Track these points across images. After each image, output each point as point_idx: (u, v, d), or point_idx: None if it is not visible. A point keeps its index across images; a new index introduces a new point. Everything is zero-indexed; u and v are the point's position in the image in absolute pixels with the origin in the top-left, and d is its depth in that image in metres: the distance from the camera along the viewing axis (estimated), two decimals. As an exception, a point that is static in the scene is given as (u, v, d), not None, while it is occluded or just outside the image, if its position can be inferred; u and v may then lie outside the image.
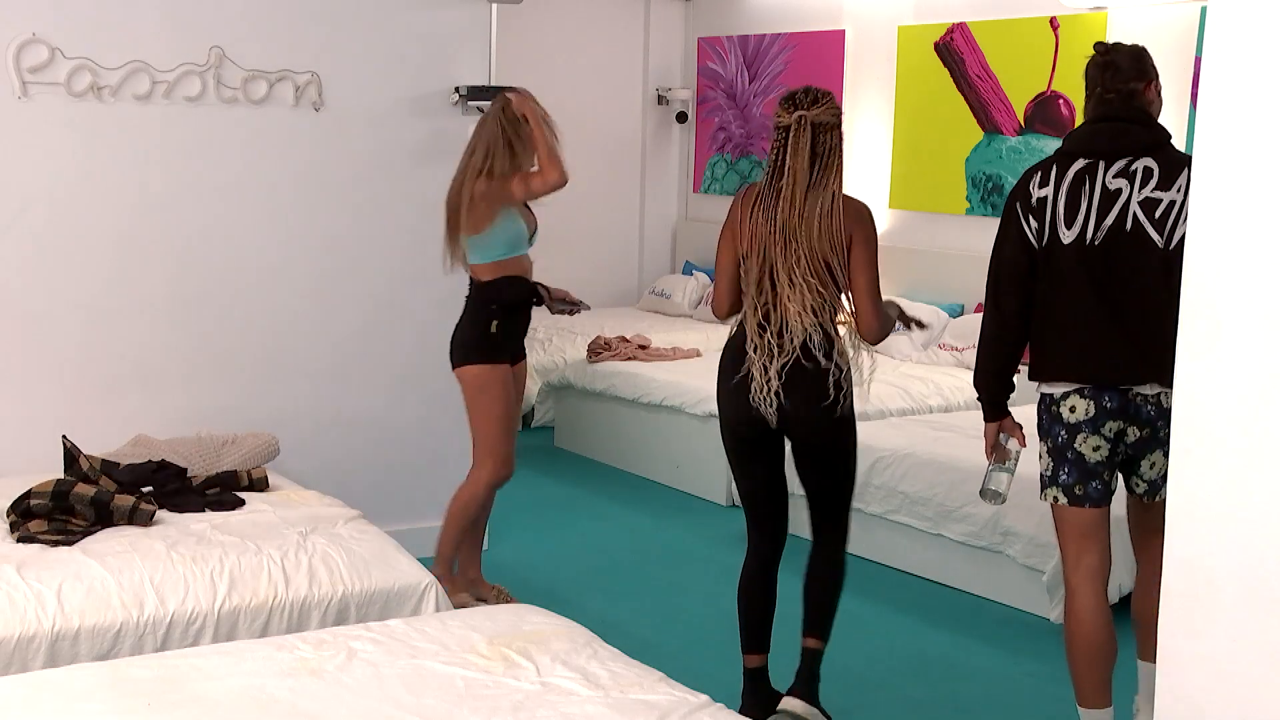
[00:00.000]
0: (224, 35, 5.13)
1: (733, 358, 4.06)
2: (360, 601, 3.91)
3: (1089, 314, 3.70)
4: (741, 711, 4.12)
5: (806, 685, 4.12)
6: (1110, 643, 3.89)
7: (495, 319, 4.92)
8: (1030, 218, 3.74)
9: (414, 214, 5.60)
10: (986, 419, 3.94)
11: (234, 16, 5.15)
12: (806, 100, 3.97)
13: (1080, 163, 3.71)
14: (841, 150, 4.01)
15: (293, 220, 5.38)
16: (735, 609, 5.23)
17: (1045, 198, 3.72)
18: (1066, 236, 3.69)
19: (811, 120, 3.93)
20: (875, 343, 4.09)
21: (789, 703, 4.10)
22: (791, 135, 3.93)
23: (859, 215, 4.00)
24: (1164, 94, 7.25)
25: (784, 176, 3.95)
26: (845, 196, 4.01)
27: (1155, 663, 4.02)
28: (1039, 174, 3.76)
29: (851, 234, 3.97)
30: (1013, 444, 3.94)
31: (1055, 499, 3.82)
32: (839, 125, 4.00)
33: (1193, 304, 2.61)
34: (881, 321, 4.04)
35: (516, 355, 5.09)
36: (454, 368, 5.03)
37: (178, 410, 5.19)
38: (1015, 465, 3.95)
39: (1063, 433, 3.75)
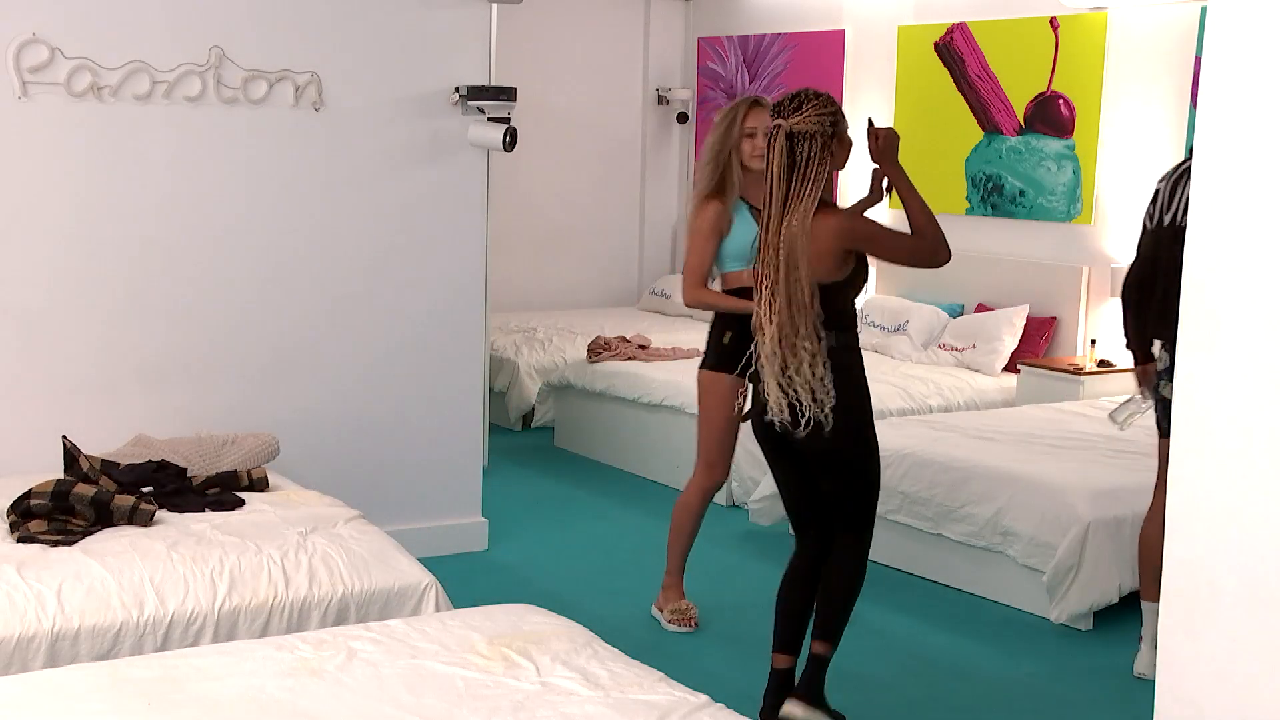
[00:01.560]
0: (224, 35, 5.13)
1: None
2: (360, 601, 3.91)
3: (1175, 281, 4.12)
4: (762, 713, 4.09)
5: (809, 690, 4.07)
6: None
7: (729, 329, 4.88)
8: (1151, 205, 4.57)
9: (414, 214, 5.60)
10: (1135, 362, 4.65)
11: (234, 16, 5.15)
12: (790, 106, 3.85)
13: (1189, 162, 4.27)
14: (824, 161, 3.84)
15: (292, 220, 5.37)
16: (735, 608, 5.24)
17: (1160, 189, 4.55)
18: (1165, 219, 4.49)
19: (787, 129, 3.83)
20: (945, 260, 4.10)
21: (790, 707, 4.05)
22: (770, 146, 3.87)
23: (840, 231, 3.87)
24: (1164, 94, 7.29)
25: (766, 188, 3.90)
26: (825, 213, 3.86)
27: (1159, 602, 4.08)
28: (1168, 170, 4.60)
29: (845, 247, 3.90)
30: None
31: (1157, 422, 4.62)
32: (822, 133, 3.83)
33: (1192, 303, 2.62)
34: (937, 247, 4.02)
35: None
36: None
37: (178, 410, 5.19)
38: (1147, 406, 4.70)
39: (1156, 376, 4.57)
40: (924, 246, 4.01)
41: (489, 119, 5.56)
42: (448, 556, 5.64)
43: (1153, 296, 4.52)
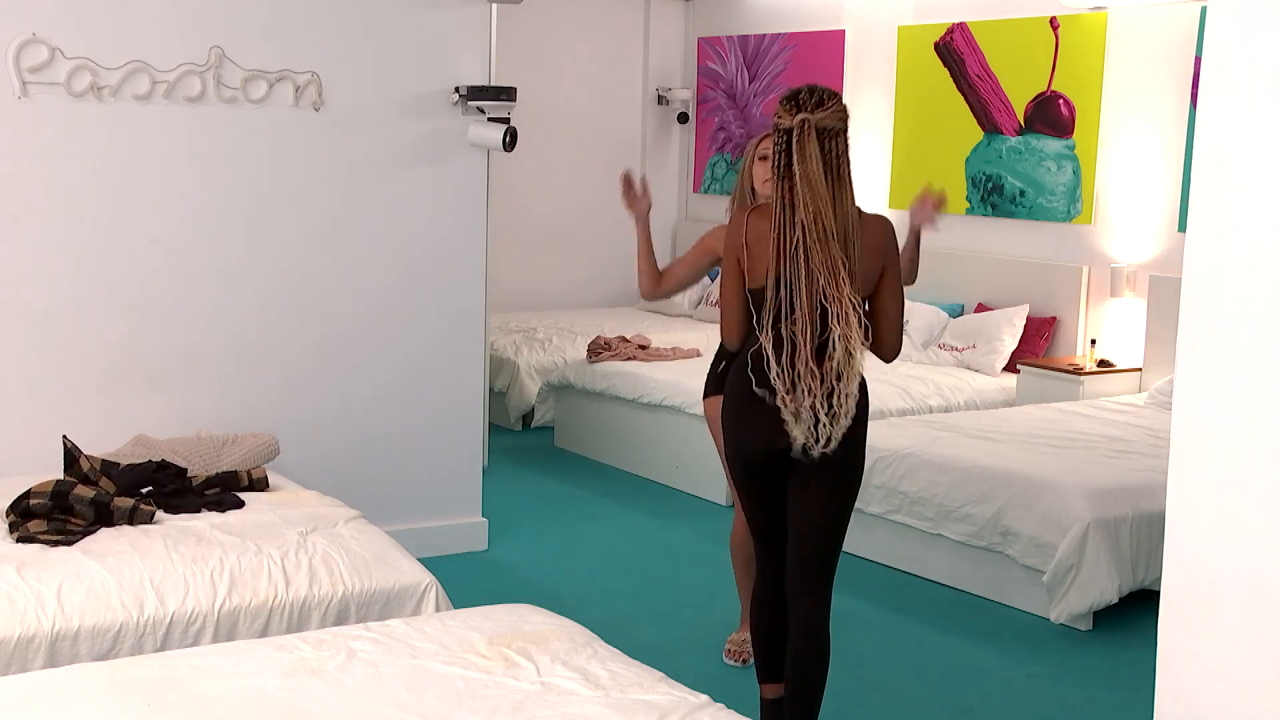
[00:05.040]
0: (224, 35, 5.13)
1: (747, 384, 3.66)
2: (360, 601, 3.91)
3: None
4: None
5: None
6: None
7: (723, 357, 4.57)
8: None
9: (414, 214, 5.60)
10: None
11: (234, 16, 5.15)
12: (811, 101, 3.59)
13: None
14: (849, 158, 3.65)
15: (292, 220, 5.37)
16: (735, 609, 5.24)
17: None
18: None
19: (816, 124, 3.57)
20: (890, 361, 3.84)
21: None
22: (795, 141, 3.56)
23: (890, 236, 3.69)
24: (1164, 94, 7.26)
25: (794, 186, 3.56)
26: (869, 215, 3.69)
27: None
28: None
29: (884, 260, 3.67)
30: None
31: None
32: (846, 130, 3.65)
33: (1192, 304, 2.62)
34: (900, 340, 3.78)
35: None
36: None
37: (178, 410, 5.19)
38: None
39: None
40: (900, 333, 3.80)
41: (489, 119, 5.56)
42: (448, 556, 5.64)
43: None
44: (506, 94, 5.62)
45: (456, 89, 5.57)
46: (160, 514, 4.25)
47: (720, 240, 3.98)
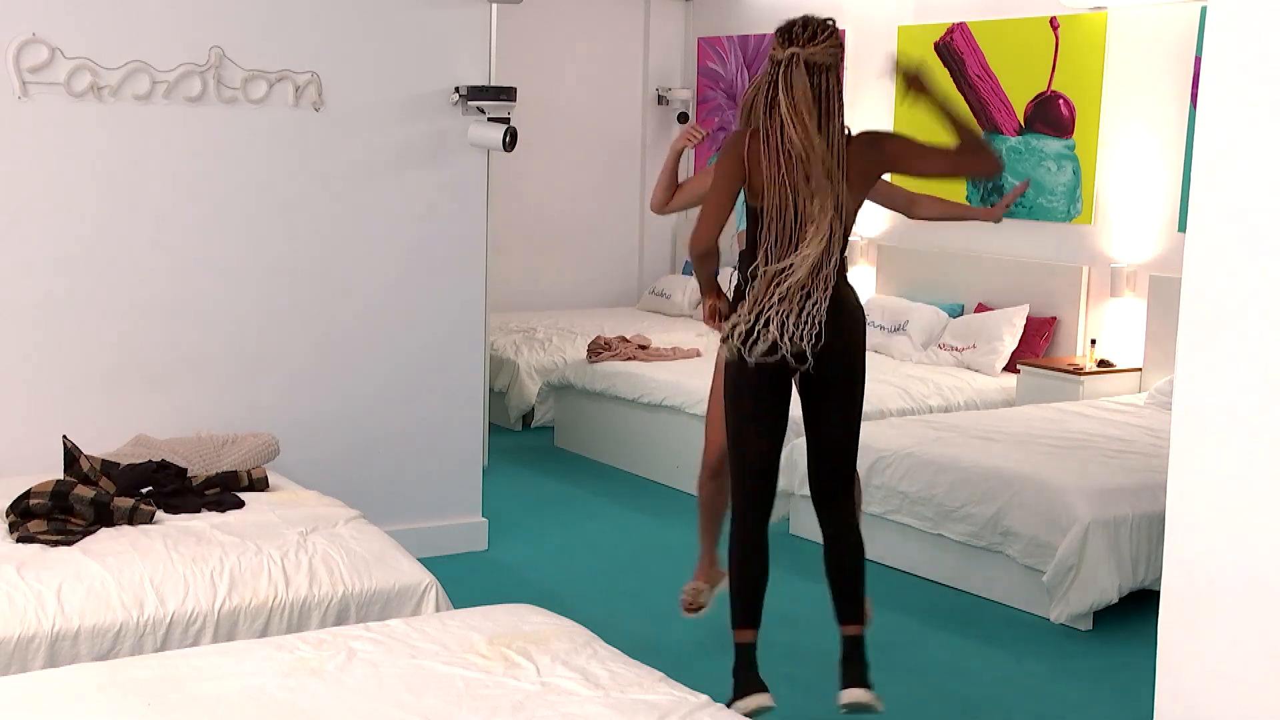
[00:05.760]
0: (224, 35, 5.13)
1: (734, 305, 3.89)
2: (360, 601, 3.91)
3: None
4: (735, 691, 3.99)
5: (862, 673, 3.99)
6: None
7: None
8: None
9: (414, 213, 5.60)
10: None
11: (234, 16, 5.15)
12: (804, 35, 3.67)
13: None
14: (839, 92, 3.73)
15: (292, 220, 5.37)
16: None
17: None
18: None
19: (805, 59, 3.66)
20: (998, 171, 4.04)
21: (854, 694, 3.95)
22: (782, 74, 3.66)
23: (876, 144, 3.85)
24: (1164, 94, 7.25)
25: (781, 117, 3.67)
26: (858, 136, 3.82)
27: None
28: None
29: (882, 166, 3.88)
30: None
31: None
32: (836, 65, 3.71)
33: (1193, 303, 2.62)
34: (986, 155, 3.94)
35: None
36: None
37: (177, 410, 5.19)
38: None
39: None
40: (964, 160, 3.95)
41: (489, 119, 5.56)
42: (448, 556, 5.64)
43: None
44: (506, 94, 5.62)
45: (456, 89, 5.57)
46: (160, 514, 4.25)
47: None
